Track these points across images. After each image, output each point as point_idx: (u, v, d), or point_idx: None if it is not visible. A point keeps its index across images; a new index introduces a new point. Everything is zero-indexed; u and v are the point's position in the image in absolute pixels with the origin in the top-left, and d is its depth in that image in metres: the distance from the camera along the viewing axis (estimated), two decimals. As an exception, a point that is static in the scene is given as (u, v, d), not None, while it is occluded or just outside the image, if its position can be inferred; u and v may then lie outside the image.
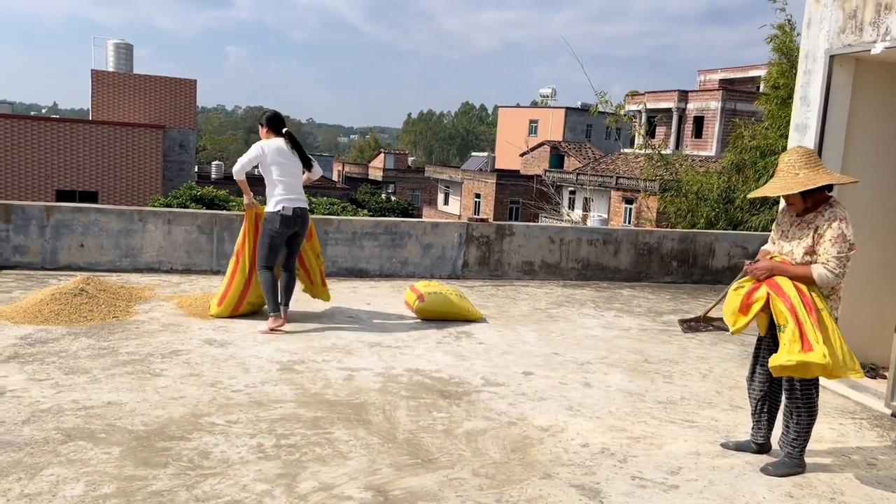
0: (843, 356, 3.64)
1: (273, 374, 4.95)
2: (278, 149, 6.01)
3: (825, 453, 4.23)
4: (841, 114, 5.66)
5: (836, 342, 3.63)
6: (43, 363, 4.84)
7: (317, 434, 4.00)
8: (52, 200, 27.84)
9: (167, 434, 3.87)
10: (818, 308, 3.68)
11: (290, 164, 6.04)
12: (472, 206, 47.92)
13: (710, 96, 42.28)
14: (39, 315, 5.80)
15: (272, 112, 6.18)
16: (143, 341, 5.48)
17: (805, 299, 3.68)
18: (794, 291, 3.71)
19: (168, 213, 8.24)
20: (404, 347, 5.79)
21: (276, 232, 5.98)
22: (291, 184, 6.04)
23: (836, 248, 3.71)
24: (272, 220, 5.97)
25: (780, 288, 3.74)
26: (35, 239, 7.80)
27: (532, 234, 9.28)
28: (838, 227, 3.73)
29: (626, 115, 16.99)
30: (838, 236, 3.72)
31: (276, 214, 5.95)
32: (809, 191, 3.79)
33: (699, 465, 3.95)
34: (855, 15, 5.40)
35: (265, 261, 6.05)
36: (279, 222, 5.95)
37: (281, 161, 6.00)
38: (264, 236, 6.02)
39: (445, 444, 3.98)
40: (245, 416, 4.19)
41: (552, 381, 5.20)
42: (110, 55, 34.55)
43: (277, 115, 6.17)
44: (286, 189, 5.99)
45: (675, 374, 5.61)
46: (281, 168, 6.00)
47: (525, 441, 4.10)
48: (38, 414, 4.01)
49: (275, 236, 5.99)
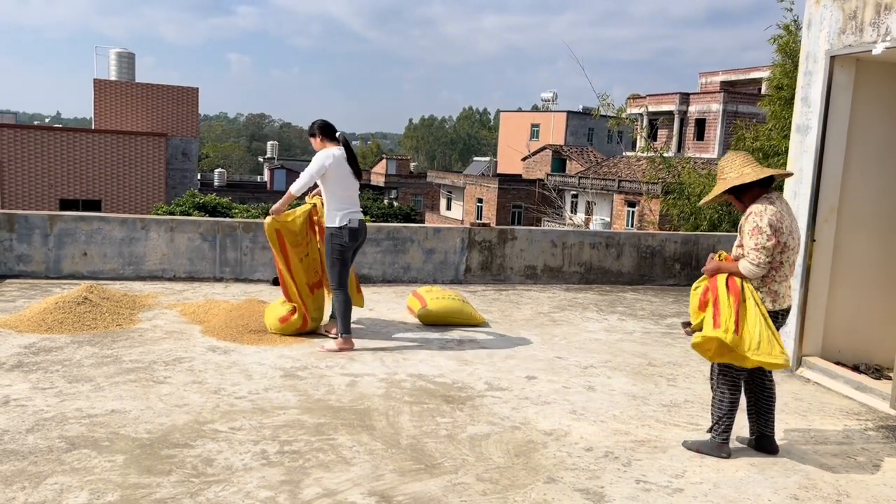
0: (762, 341, 3.76)
1: (276, 380, 4.95)
2: (342, 158, 5.71)
3: (830, 455, 4.22)
4: (842, 114, 5.65)
5: (755, 328, 3.79)
6: (47, 372, 4.85)
7: (320, 440, 4.00)
8: (55, 209, 27.94)
9: (171, 441, 3.87)
10: (745, 297, 3.86)
11: (349, 174, 5.76)
12: (474, 210, 47.92)
13: (712, 98, 42.27)
14: (43, 324, 5.81)
15: (322, 120, 5.88)
16: (147, 349, 5.49)
17: (733, 289, 3.88)
18: (724, 281, 3.92)
19: (171, 220, 8.26)
20: (407, 353, 5.79)
21: (345, 246, 5.69)
22: (351, 196, 5.76)
23: (753, 240, 3.86)
24: (340, 235, 5.67)
25: (715, 282, 3.96)
26: (38, 248, 7.82)
27: (534, 238, 9.28)
28: (753, 220, 3.89)
29: (628, 118, 17.00)
30: (753, 229, 3.87)
31: (343, 229, 5.66)
32: (744, 191, 3.99)
33: (703, 468, 3.93)
34: (855, 15, 5.40)
35: (339, 279, 5.74)
36: (348, 236, 5.67)
37: (343, 171, 5.71)
38: (334, 253, 5.70)
39: (449, 449, 3.97)
40: (248, 422, 4.19)
41: (556, 386, 5.19)
42: (112, 64, 34.68)
43: (328, 123, 5.87)
44: (349, 201, 5.72)
45: (678, 376, 5.60)
46: (343, 179, 5.71)
47: (529, 445, 4.10)
48: (42, 422, 4.02)
49: (344, 251, 5.71)
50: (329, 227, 5.71)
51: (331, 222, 5.69)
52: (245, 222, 8.41)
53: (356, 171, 5.81)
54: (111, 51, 35.02)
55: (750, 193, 3.98)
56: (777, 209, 3.88)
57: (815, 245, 5.76)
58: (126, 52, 35.12)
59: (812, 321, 5.85)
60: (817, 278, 5.81)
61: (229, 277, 8.29)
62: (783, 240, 3.88)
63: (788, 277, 4.02)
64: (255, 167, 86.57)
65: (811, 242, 5.75)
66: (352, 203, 5.75)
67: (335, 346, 5.72)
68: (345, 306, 5.74)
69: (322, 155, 5.67)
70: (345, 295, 5.76)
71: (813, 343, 5.87)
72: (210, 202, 22.23)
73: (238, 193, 41.40)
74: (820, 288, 5.83)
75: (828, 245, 5.79)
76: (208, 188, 40.56)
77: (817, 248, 5.77)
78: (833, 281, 5.86)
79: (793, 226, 3.97)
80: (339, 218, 5.66)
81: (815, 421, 4.77)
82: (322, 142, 5.79)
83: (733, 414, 4.06)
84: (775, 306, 3.97)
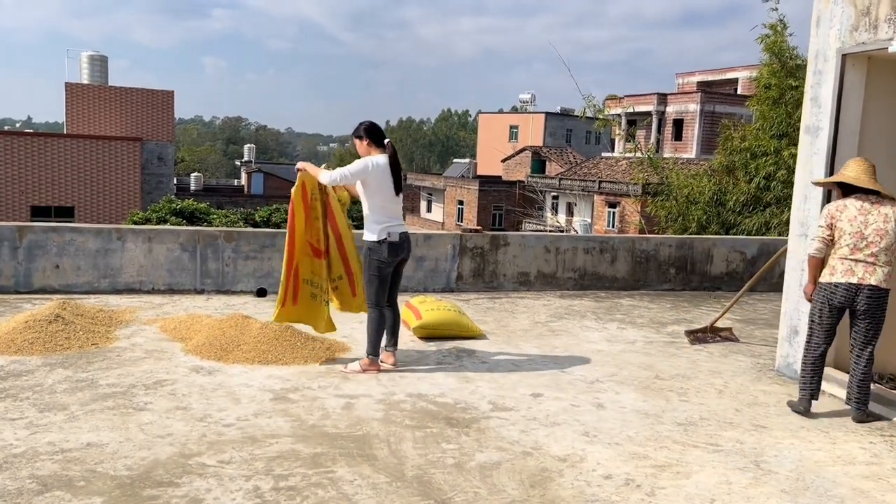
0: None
1: (266, 404, 4.61)
2: (385, 168, 5.23)
3: (861, 476, 3.96)
4: (854, 114, 5.43)
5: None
6: (16, 399, 4.47)
7: (318, 474, 3.67)
8: (27, 216, 27.23)
9: (154, 479, 3.52)
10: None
11: (391, 186, 5.27)
12: (455, 213, 47.66)
13: (689, 99, 42.40)
14: (12, 345, 5.42)
15: (369, 122, 5.38)
16: (125, 371, 5.12)
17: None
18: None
19: (148, 230, 7.87)
20: (404, 370, 5.47)
21: (383, 262, 5.24)
22: (391, 208, 5.31)
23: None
24: (378, 250, 5.23)
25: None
26: (7, 261, 7.39)
27: (527, 243, 9.00)
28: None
29: (614, 120, 16.82)
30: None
31: (382, 243, 5.21)
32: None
33: (732, 495, 3.66)
34: (868, 12, 5.17)
35: (375, 298, 5.32)
36: (387, 251, 5.22)
37: (385, 182, 5.24)
38: (371, 269, 5.27)
39: (458, 481, 3.67)
40: (238, 454, 3.86)
41: (563, 404, 4.90)
42: (85, 67, 33.93)
43: (376, 127, 5.38)
44: (389, 214, 5.28)
45: (689, 390, 5.34)
46: (384, 190, 5.24)
47: (543, 474, 3.80)
48: (10, 459, 3.65)
49: (383, 267, 5.26)
50: (367, 241, 5.28)
51: (369, 236, 5.26)
52: (227, 231, 8.05)
53: (398, 183, 5.31)
54: (83, 54, 34.25)
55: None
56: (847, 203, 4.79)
57: (828, 251, 5.51)
58: (98, 55, 34.36)
59: (825, 330, 5.60)
60: (830, 285, 5.56)
61: (211, 289, 7.91)
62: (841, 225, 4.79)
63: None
64: (231, 171, 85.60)
65: (824, 248, 5.51)
66: (392, 216, 5.29)
67: (359, 367, 5.34)
68: (376, 326, 5.32)
69: (361, 162, 5.23)
70: (378, 314, 5.33)
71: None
72: (187, 207, 21.70)
73: (215, 198, 40.71)
74: (833, 295, 5.58)
75: (841, 251, 5.55)
76: (184, 192, 39.80)
77: (830, 253, 5.52)
78: (846, 288, 5.62)
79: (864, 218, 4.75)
80: (379, 231, 5.22)
81: (839, 438, 4.52)
82: (368, 146, 5.30)
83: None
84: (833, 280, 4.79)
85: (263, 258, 8.04)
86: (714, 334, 6.96)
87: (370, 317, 5.34)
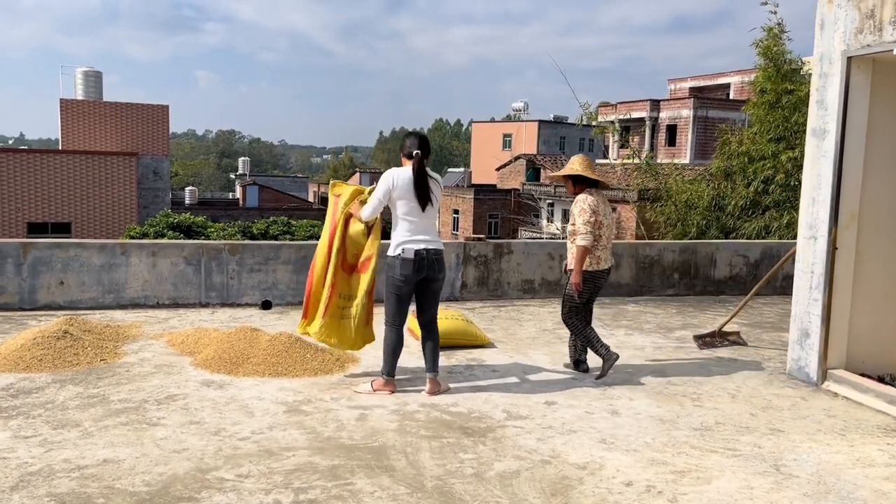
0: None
1: (280, 417, 4.58)
2: (406, 180, 4.99)
3: (882, 478, 3.95)
4: (860, 116, 5.44)
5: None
6: (28, 417, 4.44)
7: (337, 486, 3.64)
8: (23, 233, 27.14)
9: (173, 495, 3.49)
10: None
11: (413, 199, 5.01)
12: (450, 221, 47.65)
13: (682, 104, 42.51)
14: (21, 362, 5.38)
15: (408, 133, 5.24)
16: (136, 386, 5.09)
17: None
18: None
19: (152, 245, 7.83)
20: (415, 380, 5.44)
21: (399, 280, 5.00)
22: (418, 223, 5.01)
23: (581, 218, 5.49)
24: (392, 266, 5.02)
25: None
26: (11, 278, 7.35)
27: (531, 251, 8.99)
28: (579, 205, 5.55)
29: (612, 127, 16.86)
30: (580, 210, 5.51)
31: (395, 259, 5.00)
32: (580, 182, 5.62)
33: (755, 500, 3.64)
34: (873, 14, 5.19)
35: (392, 317, 5.12)
36: (399, 267, 4.98)
37: (406, 195, 5.00)
38: (388, 286, 5.08)
39: (479, 491, 3.64)
40: (256, 467, 3.82)
41: (578, 411, 4.88)
42: (79, 83, 33.93)
43: (410, 136, 5.16)
44: (413, 229, 5.01)
45: (702, 395, 5.32)
46: (404, 204, 5.01)
47: (564, 482, 3.78)
48: (27, 478, 3.61)
49: (400, 285, 5.01)
50: (387, 257, 5.12)
51: (389, 251, 5.09)
52: (231, 244, 8.02)
53: (421, 196, 4.99)
54: (77, 70, 34.27)
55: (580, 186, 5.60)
56: (594, 199, 5.48)
57: (838, 253, 5.53)
58: (93, 70, 34.38)
59: (836, 332, 5.61)
60: (840, 287, 5.58)
61: (216, 302, 7.88)
62: (599, 219, 5.47)
63: (606, 248, 5.56)
64: (226, 184, 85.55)
65: (833, 251, 5.52)
66: (414, 231, 5.00)
67: (370, 388, 5.14)
68: (391, 345, 5.14)
69: (387, 174, 5.08)
70: (394, 335, 5.15)
71: (837, 355, 5.64)
72: (185, 221, 21.66)
73: (210, 211, 40.62)
74: (843, 297, 5.60)
75: (850, 253, 5.56)
76: (180, 206, 39.75)
77: (839, 256, 5.54)
78: (855, 289, 5.64)
79: (606, 210, 5.50)
80: (394, 246, 5.03)
81: (856, 441, 4.51)
82: (402, 158, 5.15)
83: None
84: (599, 267, 5.57)
85: (268, 270, 8.01)
86: (722, 338, 6.96)
87: (385, 335, 5.21)
